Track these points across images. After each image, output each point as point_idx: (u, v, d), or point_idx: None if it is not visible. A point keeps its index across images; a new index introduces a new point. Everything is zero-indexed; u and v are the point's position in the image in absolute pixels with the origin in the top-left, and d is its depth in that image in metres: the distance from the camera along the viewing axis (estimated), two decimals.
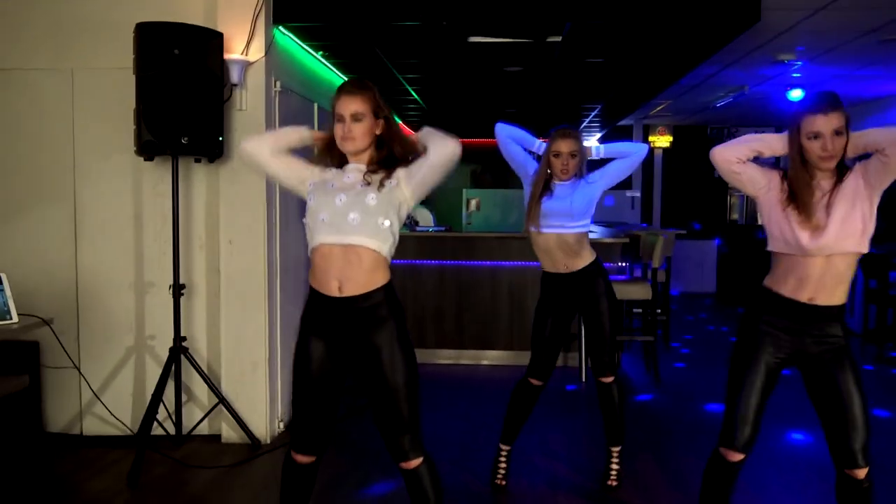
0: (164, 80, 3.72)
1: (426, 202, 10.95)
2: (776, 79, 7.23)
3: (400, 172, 2.41)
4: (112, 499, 3.51)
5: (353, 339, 2.40)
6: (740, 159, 2.42)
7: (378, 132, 2.43)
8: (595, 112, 8.49)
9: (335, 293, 2.37)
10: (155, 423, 3.99)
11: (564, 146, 3.39)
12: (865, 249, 2.35)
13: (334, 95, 2.43)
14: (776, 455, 4.11)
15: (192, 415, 4.27)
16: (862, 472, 2.39)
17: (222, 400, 4.13)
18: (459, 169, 9.92)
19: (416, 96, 7.44)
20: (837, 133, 2.27)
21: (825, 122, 2.27)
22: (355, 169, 2.44)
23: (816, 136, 2.28)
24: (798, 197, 2.34)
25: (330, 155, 2.47)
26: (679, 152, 11.25)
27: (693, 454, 4.07)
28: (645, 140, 11.41)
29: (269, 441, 4.25)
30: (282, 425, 4.42)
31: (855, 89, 7.99)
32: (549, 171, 3.45)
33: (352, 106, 2.37)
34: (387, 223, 2.38)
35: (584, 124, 9.83)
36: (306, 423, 2.46)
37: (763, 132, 11.15)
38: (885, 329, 6.90)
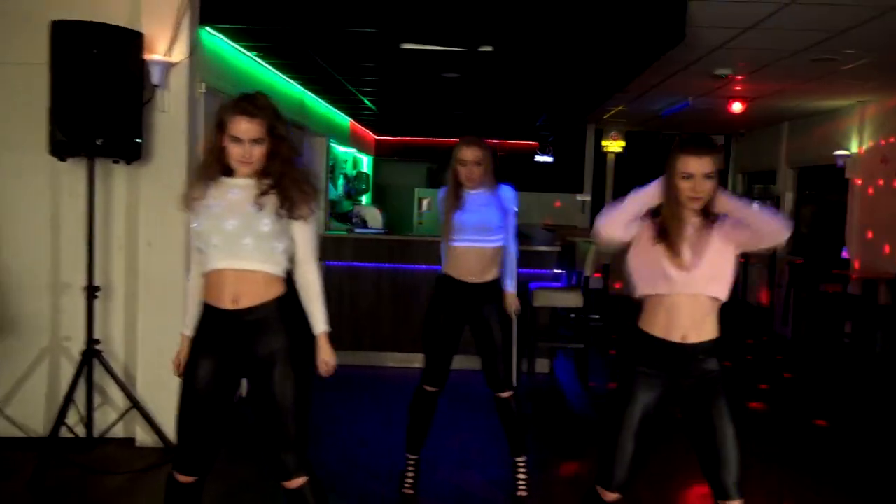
0: (79, 79, 3.66)
1: (377, 201, 10.96)
2: (719, 90, 7.34)
3: (295, 209, 2.37)
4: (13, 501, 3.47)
5: (245, 353, 2.38)
6: (625, 227, 2.45)
7: (271, 148, 2.38)
8: (543, 118, 8.53)
9: (229, 306, 2.35)
10: (68, 428, 3.94)
11: (469, 154, 3.42)
12: (726, 297, 2.42)
13: (229, 109, 2.35)
14: None
15: (108, 418, 4.20)
16: None
17: (136, 403, 4.08)
18: (414, 168, 9.89)
19: (361, 97, 7.42)
20: (708, 176, 2.35)
21: (698, 165, 2.34)
22: (240, 185, 2.38)
23: (688, 176, 2.35)
24: (669, 232, 2.39)
25: (210, 171, 2.39)
26: (632, 157, 11.36)
27: None
28: (598, 144, 11.51)
29: None
30: None
31: (796, 101, 8.14)
32: (457, 180, 3.47)
33: (252, 130, 2.31)
34: (280, 247, 2.37)
35: (537, 126, 9.89)
36: (190, 442, 2.42)
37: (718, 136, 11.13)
38: (814, 337, 7.08)
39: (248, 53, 5.14)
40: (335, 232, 6.78)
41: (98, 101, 3.69)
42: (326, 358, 2.48)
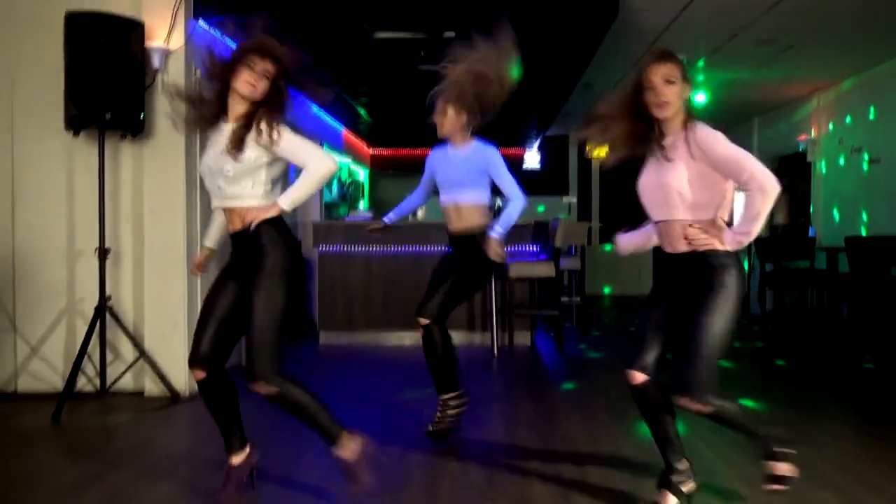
0: (89, 62, 4.21)
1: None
2: None
3: (265, 137, 2.64)
4: (37, 432, 3.94)
5: (243, 268, 2.75)
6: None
7: (266, 96, 2.72)
8: (520, 119, 9.06)
9: (229, 229, 2.81)
10: (84, 381, 4.40)
11: (440, 106, 3.77)
12: (685, 217, 2.60)
13: (251, 43, 2.69)
14: None
15: (119, 372, 4.66)
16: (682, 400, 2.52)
17: (143, 354, 4.55)
18: (412, 183, 10.25)
19: (356, 105, 7.96)
20: (669, 81, 2.51)
21: (662, 70, 2.52)
22: (223, 131, 2.72)
23: (651, 86, 2.53)
24: (649, 143, 2.72)
25: (206, 107, 2.75)
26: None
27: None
28: (581, 149, 12.04)
29: (188, 394, 4.65)
30: None
31: (760, 93, 8.65)
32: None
33: (264, 63, 2.67)
34: (249, 183, 2.70)
35: (522, 133, 10.44)
36: (199, 338, 2.74)
37: None
38: (783, 310, 7.47)
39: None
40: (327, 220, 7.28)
41: (106, 81, 4.23)
42: (255, 213, 2.67)
